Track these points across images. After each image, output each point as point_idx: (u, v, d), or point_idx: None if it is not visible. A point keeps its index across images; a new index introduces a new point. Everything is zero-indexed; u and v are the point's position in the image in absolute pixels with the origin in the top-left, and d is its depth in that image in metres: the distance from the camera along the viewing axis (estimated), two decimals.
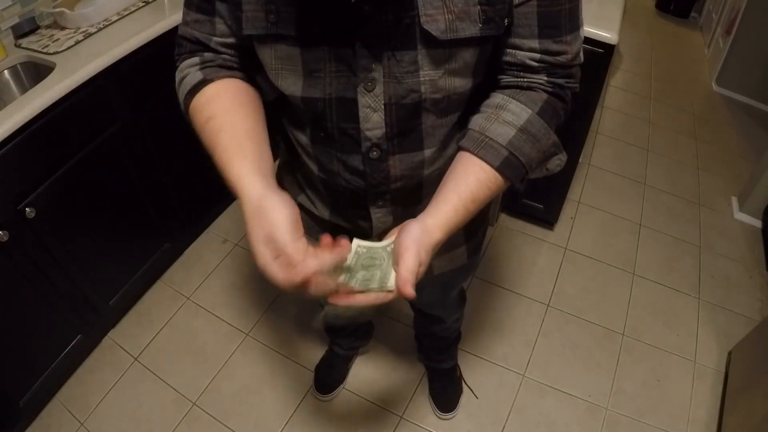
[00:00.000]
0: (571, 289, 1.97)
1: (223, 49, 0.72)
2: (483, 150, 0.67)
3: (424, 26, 0.60)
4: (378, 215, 0.81)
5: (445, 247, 0.69)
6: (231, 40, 0.71)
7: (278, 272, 0.57)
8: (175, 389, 1.63)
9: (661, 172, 2.52)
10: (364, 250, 0.67)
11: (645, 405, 1.66)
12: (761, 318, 1.88)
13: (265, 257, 0.58)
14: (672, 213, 2.32)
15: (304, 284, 0.57)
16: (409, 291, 0.59)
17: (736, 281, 2.06)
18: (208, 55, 0.72)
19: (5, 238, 1.25)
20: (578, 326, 1.86)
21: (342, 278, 0.63)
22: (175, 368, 1.68)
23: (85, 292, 1.57)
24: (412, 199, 0.80)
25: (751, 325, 1.80)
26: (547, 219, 2.15)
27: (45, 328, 1.48)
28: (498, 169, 0.66)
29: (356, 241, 0.68)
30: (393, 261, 0.65)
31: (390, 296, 0.61)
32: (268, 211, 0.60)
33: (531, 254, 2.09)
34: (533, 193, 2.04)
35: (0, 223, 1.24)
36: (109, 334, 1.76)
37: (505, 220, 2.20)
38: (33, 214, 1.30)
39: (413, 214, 0.70)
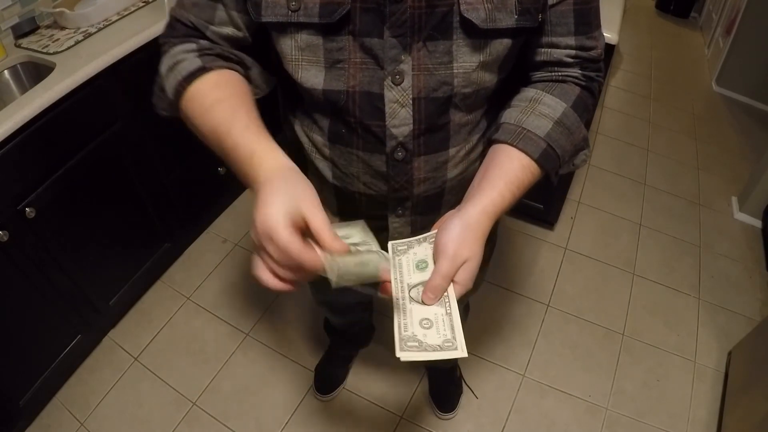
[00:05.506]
0: (571, 289, 1.97)
1: (218, 40, 0.68)
2: (522, 141, 0.66)
3: (465, 14, 0.60)
4: (396, 225, 0.77)
5: None
6: (228, 30, 0.68)
7: (301, 249, 0.50)
8: (175, 389, 1.63)
9: (661, 172, 2.52)
10: (404, 247, 0.63)
11: (645, 405, 1.66)
12: (761, 318, 1.88)
13: (282, 217, 0.50)
14: (672, 213, 2.32)
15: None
16: (429, 299, 0.57)
17: (736, 281, 2.06)
18: (204, 42, 0.68)
19: (5, 238, 1.24)
20: (578, 326, 1.86)
21: (394, 290, 0.58)
22: (175, 368, 1.68)
23: (85, 292, 1.57)
24: (433, 207, 0.77)
25: (751, 325, 1.80)
26: (547, 219, 2.15)
27: (45, 328, 1.48)
28: (538, 161, 0.66)
29: (392, 243, 0.64)
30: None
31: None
32: (301, 181, 0.55)
33: (531, 254, 2.08)
34: (533, 193, 2.03)
35: (0, 223, 1.24)
36: (109, 334, 1.76)
37: (505, 220, 2.20)
38: (33, 214, 1.30)
39: (431, 222, 0.66)
